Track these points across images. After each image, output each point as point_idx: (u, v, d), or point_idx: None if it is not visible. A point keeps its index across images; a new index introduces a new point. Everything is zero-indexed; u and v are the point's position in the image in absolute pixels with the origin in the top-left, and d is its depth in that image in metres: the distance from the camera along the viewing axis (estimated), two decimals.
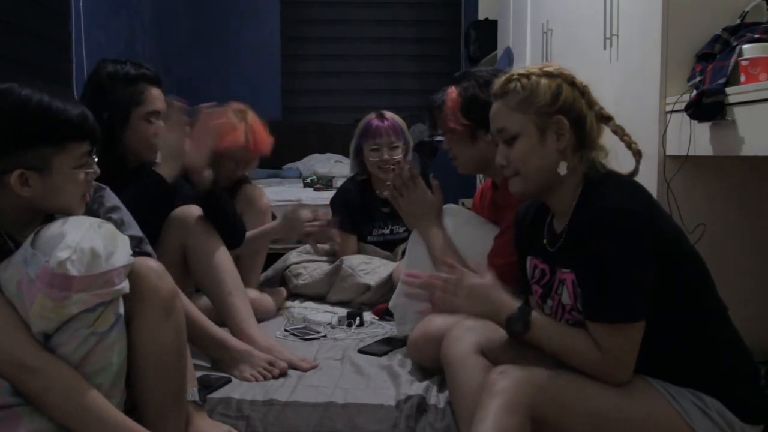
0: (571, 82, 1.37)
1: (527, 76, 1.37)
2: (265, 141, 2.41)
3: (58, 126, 1.29)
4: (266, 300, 2.47)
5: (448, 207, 2.05)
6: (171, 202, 2.04)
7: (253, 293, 2.38)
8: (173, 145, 1.97)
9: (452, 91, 1.89)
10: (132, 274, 1.33)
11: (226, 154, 2.30)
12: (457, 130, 1.88)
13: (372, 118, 2.76)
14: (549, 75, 1.37)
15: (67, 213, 1.38)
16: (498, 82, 1.40)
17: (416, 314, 1.98)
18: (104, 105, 1.90)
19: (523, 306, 1.35)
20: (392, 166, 1.88)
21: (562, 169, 1.35)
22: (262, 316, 2.26)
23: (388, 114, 2.78)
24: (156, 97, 2.00)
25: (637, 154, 1.41)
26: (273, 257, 2.78)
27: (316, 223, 2.34)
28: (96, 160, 1.38)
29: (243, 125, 2.34)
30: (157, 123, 2.01)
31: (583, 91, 1.38)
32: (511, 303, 1.36)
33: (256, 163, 2.47)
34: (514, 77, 1.37)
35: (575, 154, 1.35)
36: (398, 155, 2.69)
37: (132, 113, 1.96)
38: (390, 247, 2.84)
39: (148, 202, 1.86)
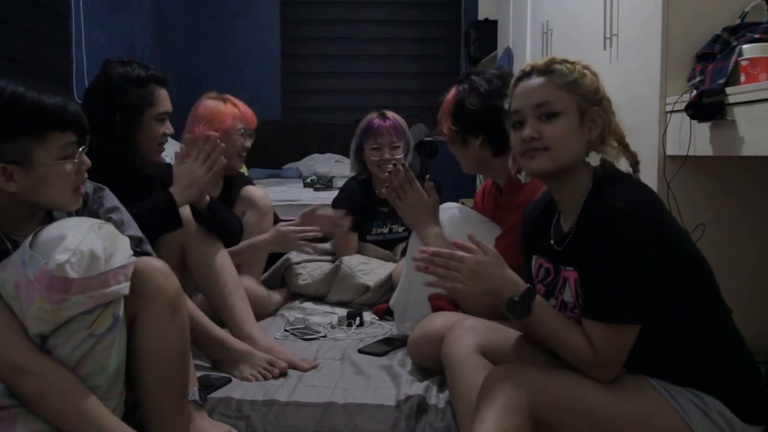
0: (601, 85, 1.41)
1: (571, 63, 1.38)
2: (250, 112, 2.51)
3: (33, 116, 1.26)
4: (261, 292, 2.48)
5: (448, 205, 2.05)
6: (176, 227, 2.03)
7: (249, 282, 2.37)
8: (194, 177, 1.96)
9: (450, 93, 1.89)
10: (137, 273, 1.32)
11: (229, 131, 2.38)
12: (445, 133, 1.88)
13: (373, 117, 2.76)
14: (589, 70, 1.39)
15: (59, 207, 1.36)
16: (540, 61, 1.40)
17: (417, 309, 1.98)
18: (116, 107, 1.93)
19: (530, 288, 1.34)
20: (389, 166, 1.87)
21: (593, 159, 1.36)
22: (257, 309, 2.23)
23: (390, 113, 2.78)
24: (165, 97, 2.03)
25: (637, 172, 1.42)
26: (273, 257, 2.78)
27: (309, 234, 2.32)
28: (82, 150, 1.34)
29: (227, 102, 2.44)
30: (165, 123, 2.03)
31: (607, 97, 1.41)
32: (515, 282, 1.35)
33: (253, 135, 2.52)
34: (558, 60, 1.38)
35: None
36: (399, 155, 2.69)
37: (144, 114, 1.98)
38: (389, 246, 2.84)
39: (155, 223, 1.85)
